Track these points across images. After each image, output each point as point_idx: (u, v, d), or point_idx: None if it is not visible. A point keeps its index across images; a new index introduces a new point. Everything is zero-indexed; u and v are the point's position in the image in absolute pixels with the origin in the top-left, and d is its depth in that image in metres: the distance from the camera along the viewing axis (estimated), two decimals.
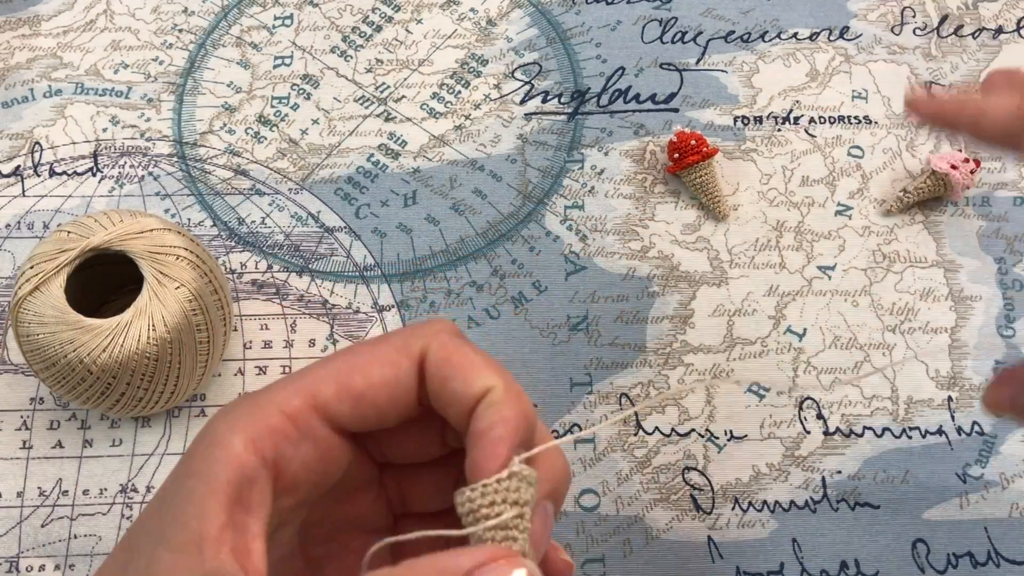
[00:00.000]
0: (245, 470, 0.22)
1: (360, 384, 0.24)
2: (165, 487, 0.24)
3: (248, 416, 0.23)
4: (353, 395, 0.24)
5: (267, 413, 0.23)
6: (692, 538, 0.45)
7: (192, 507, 0.22)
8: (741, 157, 0.54)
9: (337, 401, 0.24)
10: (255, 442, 0.23)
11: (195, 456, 0.23)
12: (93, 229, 0.42)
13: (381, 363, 0.24)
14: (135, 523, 0.24)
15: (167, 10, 0.58)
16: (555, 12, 0.58)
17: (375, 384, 0.24)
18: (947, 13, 0.58)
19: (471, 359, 0.24)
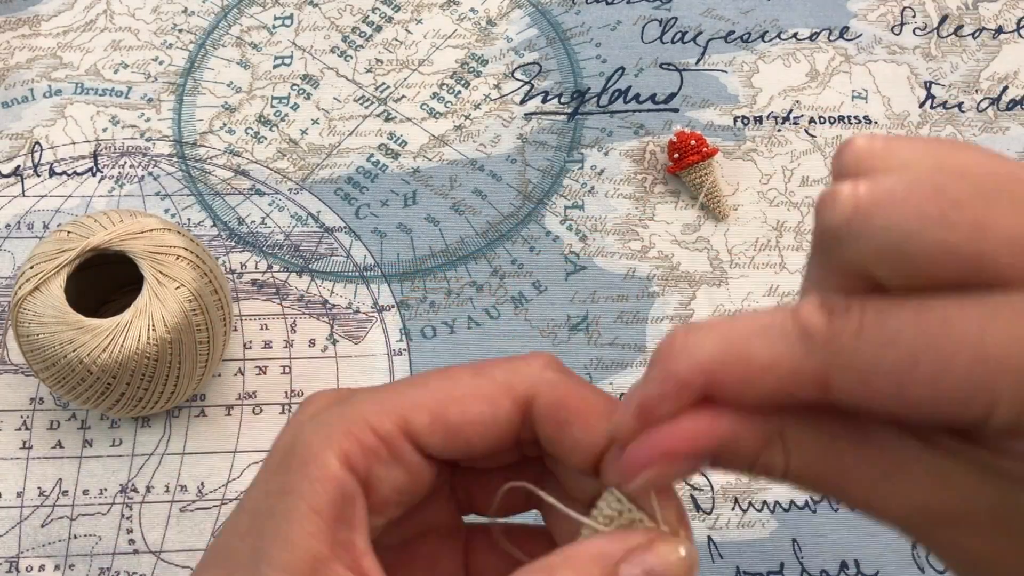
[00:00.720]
0: (344, 488, 0.22)
1: (455, 418, 0.23)
2: (257, 502, 0.23)
3: (341, 432, 0.22)
4: (446, 428, 0.23)
5: (360, 430, 0.22)
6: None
7: (295, 525, 0.21)
8: (741, 157, 0.54)
9: (430, 432, 0.23)
10: (350, 459, 0.22)
11: (290, 471, 0.22)
12: (93, 229, 0.42)
13: (480, 399, 0.23)
14: (223, 540, 0.23)
15: (167, 10, 0.58)
16: (555, 12, 0.58)
17: (472, 421, 0.23)
18: (947, 13, 0.58)
19: (588, 402, 0.23)
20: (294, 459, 0.22)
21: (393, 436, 0.23)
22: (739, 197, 0.53)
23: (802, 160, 0.54)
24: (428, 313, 0.50)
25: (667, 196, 0.53)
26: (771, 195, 0.53)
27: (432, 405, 0.23)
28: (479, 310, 0.50)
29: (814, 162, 0.54)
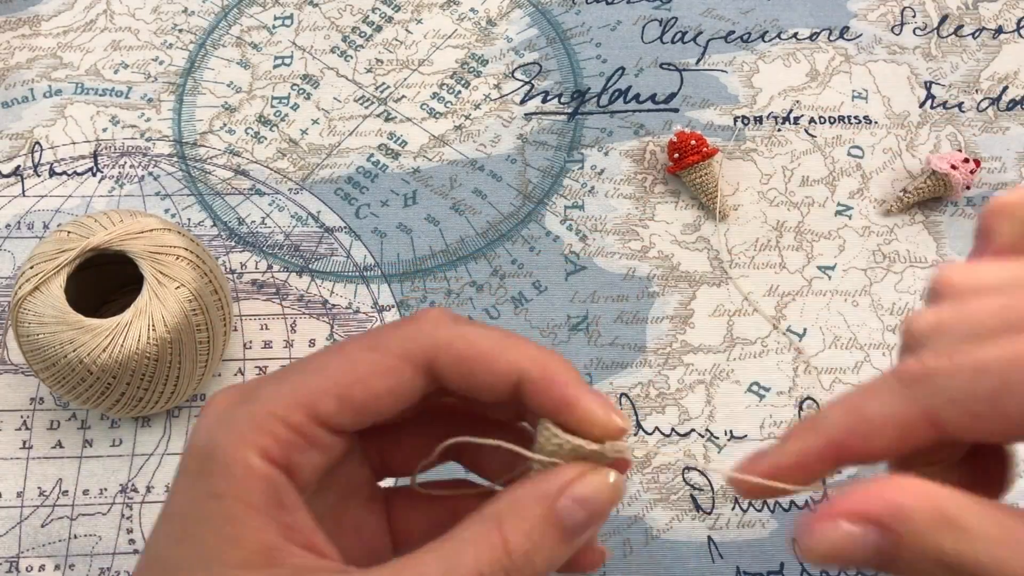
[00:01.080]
0: (272, 481, 0.23)
1: (361, 396, 0.24)
2: (185, 508, 0.23)
3: (255, 430, 0.23)
4: (354, 407, 0.24)
5: (273, 425, 0.23)
6: (692, 538, 0.45)
7: (239, 525, 0.22)
8: (741, 157, 0.54)
9: (338, 415, 0.24)
10: (268, 453, 0.23)
11: (214, 475, 0.23)
12: (93, 229, 0.42)
13: (382, 374, 0.24)
14: (157, 550, 0.23)
15: (167, 10, 0.58)
16: (555, 12, 0.58)
17: (377, 395, 0.24)
18: (947, 13, 0.58)
19: (486, 347, 0.24)
20: (215, 464, 0.23)
21: (304, 425, 0.23)
22: (739, 197, 0.53)
23: (802, 160, 0.54)
24: None
25: (667, 196, 0.53)
26: (771, 195, 0.53)
27: (337, 389, 0.23)
28: (479, 310, 0.50)
29: (814, 162, 0.54)
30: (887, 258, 0.51)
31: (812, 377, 0.48)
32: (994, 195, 0.26)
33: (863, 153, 0.54)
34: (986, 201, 0.52)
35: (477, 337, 0.24)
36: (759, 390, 0.48)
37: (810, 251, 0.51)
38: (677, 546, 0.45)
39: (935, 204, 0.53)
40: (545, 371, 0.24)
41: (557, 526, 0.23)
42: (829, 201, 0.53)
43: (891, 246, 0.51)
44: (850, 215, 0.52)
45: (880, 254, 0.51)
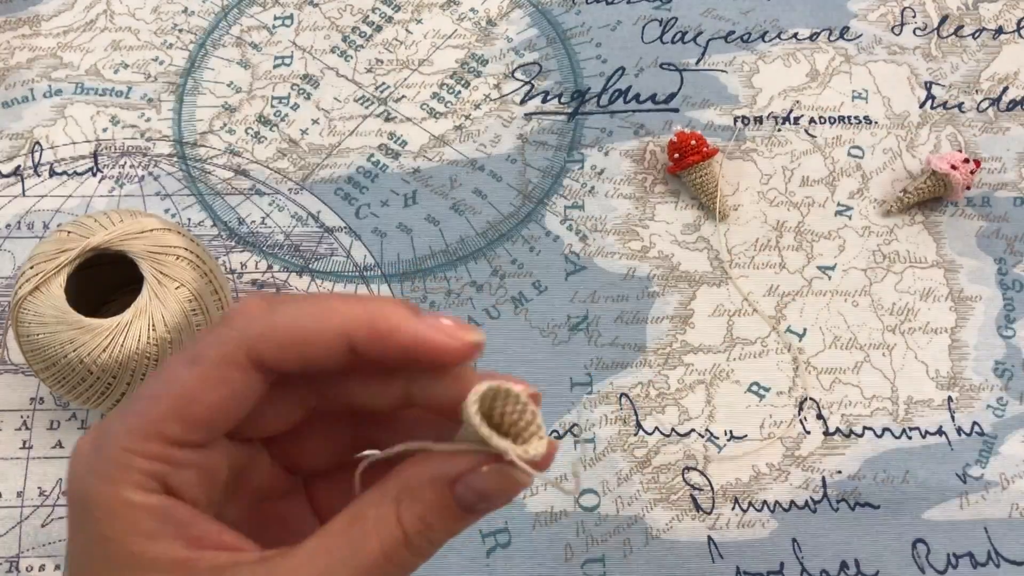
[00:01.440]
0: (156, 507, 0.23)
1: (201, 413, 0.23)
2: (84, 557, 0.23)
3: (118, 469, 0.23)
4: (200, 423, 0.24)
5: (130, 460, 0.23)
6: (692, 538, 0.45)
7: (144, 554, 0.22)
8: (741, 157, 0.54)
9: (188, 434, 0.24)
10: (141, 485, 0.23)
11: (99, 521, 0.23)
12: (93, 229, 0.42)
13: (212, 386, 0.24)
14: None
15: (167, 10, 0.58)
16: (555, 12, 0.58)
17: (218, 407, 0.24)
18: (947, 13, 0.58)
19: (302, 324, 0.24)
20: (96, 510, 0.23)
21: (161, 453, 0.23)
22: (739, 197, 0.53)
23: (802, 160, 0.54)
24: None
25: (667, 196, 0.53)
26: (771, 195, 0.53)
27: (174, 413, 0.23)
28: (479, 310, 0.50)
29: (814, 162, 0.54)
30: (887, 258, 0.51)
31: (812, 376, 0.48)
32: None
33: (863, 153, 0.54)
34: (986, 202, 0.52)
35: (293, 317, 0.24)
36: (759, 390, 0.48)
37: (810, 251, 0.51)
38: (677, 546, 0.45)
39: (935, 204, 0.53)
40: (371, 323, 0.23)
41: (451, 508, 0.23)
42: (829, 201, 0.53)
43: (891, 246, 0.51)
44: (850, 215, 0.52)
45: (880, 254, 0.51)
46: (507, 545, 0.45)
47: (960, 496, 0.46)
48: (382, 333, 0.23)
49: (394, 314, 0.24)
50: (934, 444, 0.47)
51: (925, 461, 0.46)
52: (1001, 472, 0.46)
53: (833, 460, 0.47)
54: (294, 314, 0.24)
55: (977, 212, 0.52)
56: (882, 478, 0.46)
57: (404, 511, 0.23)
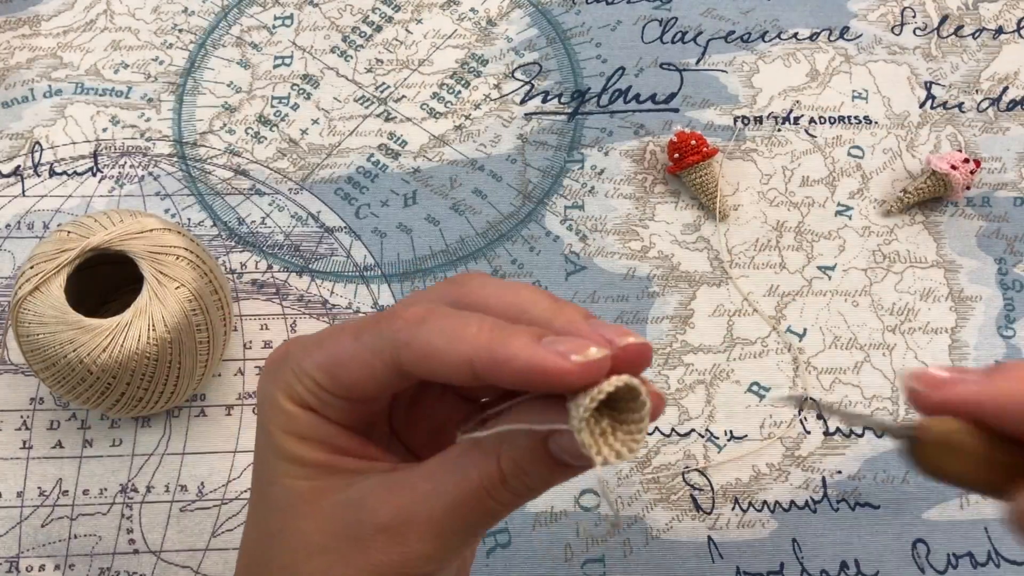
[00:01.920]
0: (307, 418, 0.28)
1: (344, 377, 0.27)
2: (256, 446, 0.29)
3: (287, 383, 0.28)
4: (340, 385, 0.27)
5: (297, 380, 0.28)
6: (692, 538, 0.45)
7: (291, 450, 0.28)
8: (741, 157, 0.54)
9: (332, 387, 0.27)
10: (299, 400, 0.28)
11: (268, 419, 0.28)
12: (93, 229, 0.42)
13: (359, 364, 0.27)
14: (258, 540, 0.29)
15: (167, 10, 0.58)
16: (555, 12, 0.58)
17: (357, 380, 0.27)
18: (947, 13, 0.58)
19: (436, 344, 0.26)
20: (266, 406, 0.28)
21: (313, 387, 0.28)
22: (739, 197, 0.53)
23: (802, 160, 0.54)
24: None
25: (667, 196, 0.53)
26: (771, 195, 0.53)
27: (327, 367, 0.27)
28: None
29: (814, 162, 0.54)
30: (887, 258, 0.51)
31: (812, 376, 0.48)
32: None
33: (863, 153, 0.54)
34: (986, 201, 0.52)
35: (433, 335, 0.26)
36: (759, 390, 0.48)
37: (810, 251, 0.51)
38: (677, 546, 0.45)
39: (935, 204, 0.53)
40: (491, 351, 0.25)
41: (547, 457, 0.25)
42: (829, 201, 0.53)
43: (891, 246, 0.51)
44: (850, 215, 0.52)
45: (880, 254, 0.51)
46: (507, 545, 0.45)
47: (960, 496, 0.46)
48: (499, 362, 0.24)
49: (515, 341, 0.25)
50: None
51: None
52: None
53: (833, 460, 0.47)
54: (434, 333, 0.26)
55: (977, 212, 0.52)
56: (882, 478, 0.46)
57: (503, 456, 0.26)
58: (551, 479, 0.26)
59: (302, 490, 0.27)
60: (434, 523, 0.26)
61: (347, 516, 0.27)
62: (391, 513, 0.26)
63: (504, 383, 0.25)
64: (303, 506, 0.27)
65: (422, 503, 0.26)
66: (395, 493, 0.27)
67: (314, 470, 0.27)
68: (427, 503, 0.26)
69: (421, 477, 0.27)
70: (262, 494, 0.29)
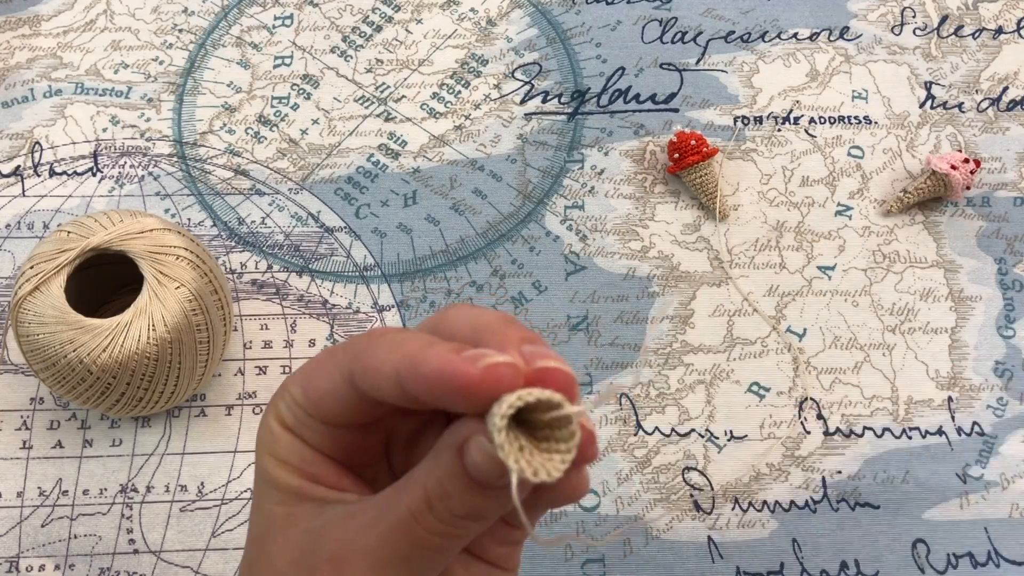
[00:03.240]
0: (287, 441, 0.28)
1: (313, 392, 0.27)
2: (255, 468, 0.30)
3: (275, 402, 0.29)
4: (310, 400, 0.28)
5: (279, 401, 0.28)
6: (692, 538, 0.45)
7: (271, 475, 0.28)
8: (741, 157, 0.54)
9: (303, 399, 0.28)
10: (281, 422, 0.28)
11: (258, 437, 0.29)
12: (93, 229, 0.42)
13: (324, 376, 0.27)
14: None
15: (167, 10, 0.58)
16: (555, 12, 0.58)
17: (322, 394, 0.27)
18: (947, 13, 0.58)
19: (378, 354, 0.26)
20: (259, 427, 0.29)
21: (292, 404, 0.28)
22: (739, 197, 0.53)
23: (802, 160, 0.54)
24: (428, 313, 0.50)
25: (667, 196, 0.53)
26: (771, 195, 0.53)
27: (300, 380, 0.28)
28: None
29: (814, 162, 0.54)
30: (887, 258, 0.51)
31: (812, 376, 0.48)
32: None
33: (863, 153, 0.54)
34: (986, 202, 0.52)
35: (379, 348, 0.26)
36: (759, 390, 0.48)
37: (810, 251, 0.51)
38: (677, 546, 0.45)
39: (935, 204, 0.53)
40: (411, 364, 0.24)
41: (464, 477, 0.24)
42: (829, 201, 0.53)
43: (891, 246, 0.51)
44: (850, 215, 0.52)
45: (880, 254, 0.51)
46: None
47: (960, 496, 0.46)
48: (416, 367, 0.24)
49: (433, 350, 0.24)
50: (934, 444, 0.47)
51: (925, 461, 0.46)
52: (1001, 472, 0.46)
53: (833, 460, 0.47)
54: (381, 345, 0.26)
55: (977, 212, 0.52)
56: (882, 478, 0.46)
57: (428, 475, 0.25)
58: (474, 503, 0.25)
59: (277, 516, 0.28)
60: (368, 554, 0.26)
61: (306, 545, 0.27)
62: (336, 544, 0.26)
63: (422, 394, 0.24)
64: (276, 533, 0.28)
65: (361, 534, 0.26)
66: (346, 523, 0.26)
67: (288, 495, 0.28)
68: (364, 533, 0.26)
69: (368, 507, 0.26)
70: (251, 521, 0.29)
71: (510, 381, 0.23)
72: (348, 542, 0.26)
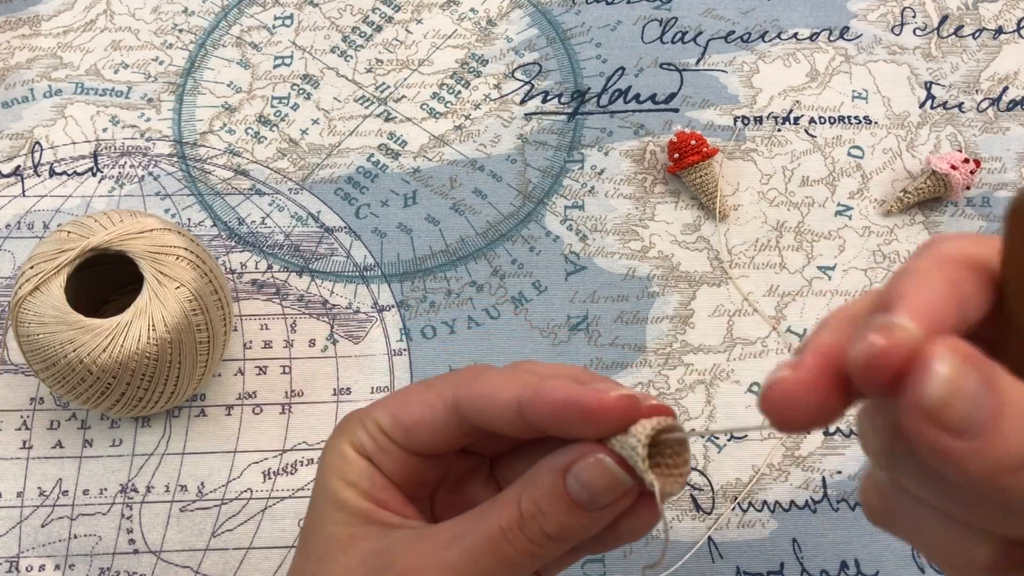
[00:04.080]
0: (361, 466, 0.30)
1: (405, 418, 0.29)
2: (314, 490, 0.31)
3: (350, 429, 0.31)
4: (402, 426, 0.29)
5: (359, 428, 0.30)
6: (692, 538, 0.45)
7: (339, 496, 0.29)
8: (741, 157, 0.54)
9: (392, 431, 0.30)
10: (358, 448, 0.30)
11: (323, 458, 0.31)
12: (93, 229, 0.42)
13: (423, 404, 0.29)
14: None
15: (167, 10, 0.58)
16: (555, 12, 0.58)
17: (417, 421, 0.29)
18: (947, 13, 0.58)
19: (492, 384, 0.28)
20: (326, 449, 0.31)
21: (375, 431, 0.30)
22: (739, 197, 0.53)
23: (802, 160, 0.54)
24: (428, 313, 0.50)
25: (667, 196, 0.53)
26: (771, 195, 0.53)
27: (392, 409, 0.29)
28: (479, 310, 0.50)
29: (814, 162, 0.54)
30: (887, 258, 0.51)
31: None
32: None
33: (863, 153, 0.54)
34: (986, 202, 0.52)
35: (490, 380, 0.28)
36: (759, 390, 0.48)
37: (810, 251, 0.51)
38: (677, 546, 0.45)
39: (935, 204, 0.53)
40: (535, 391, 0.27)
41: (563, 497, 0.26)
42: (829, 201, 0.53)
43: (891, 246, 0.51)
44: (850, 215, 0.52)
45: (880, 254, 0.51)
46: None
47: None
48: (542, 395, 0.26)
49: (557, 380, 0.27)
50: None
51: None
52: None
53: (833, 460, 0.47)
54: (492, 376, 0.28)
55: (977, 212, 0.52)
56: None
57: (524, 495, 0.27)
58: (567, 523, 0.26)
59: (340, 537, 0.29)
60: (448, 566, 0.26)
61: (373, 563, 0.28)
62: (412, 559, 0.27)
63: (545, 420, 0.26)
64: (338, 553, 0.28)
65: (441, 549, 0.27)
66: (421, 542, 0.27)
67: (354, 517, 0.29)
68: (446, 549, 0.27)
69: (447, 526, 0.28)
70: (305, 542, 0.30)
71: (636, 411, 0.26)
72: (423, 556, 0.27)
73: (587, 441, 0.27)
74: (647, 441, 0.25)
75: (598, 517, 0.27)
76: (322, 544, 0.29)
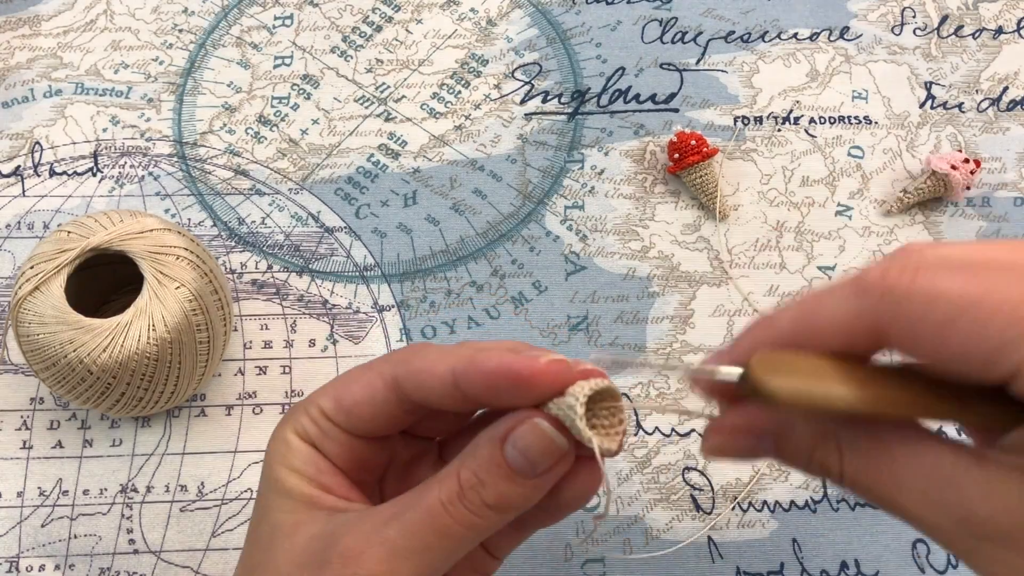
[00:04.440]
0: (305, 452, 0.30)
1: (347, 400, 0.29)
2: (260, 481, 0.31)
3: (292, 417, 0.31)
4: (344, 409, 0.29)
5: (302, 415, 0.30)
6: (692, 538, 0.45)
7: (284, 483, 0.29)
8: (741, 157, 0.54)
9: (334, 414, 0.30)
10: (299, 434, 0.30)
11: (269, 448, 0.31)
12: (93, 229, 0.42)
13: (362, 385, 0.29)
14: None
15: (167, 10, 0.58)
16: (555, 12, 0.58)
17: (358, 402, 0.29)
18: (947, 13, 0.58)
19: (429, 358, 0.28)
20: (271, 438, 0.31)
21: (317, 417, 0.30)
22: (739, 197, 0.53)
23: (802, 160, 0.54)
24: (428, 313, 0.50)
25: (667, 196, 0.53)
26: (771, 195, 0.53)
27: (334, 393, 0.30)
28: (479, 310, 0.50)
29: (814, 162, 0.54)
30: None
31: None
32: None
33: (863, 153, 0.54)
34: (986, 202, 0.52)
35: (427, 353, 0.28)
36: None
37: (810, 251, 0.51)
38: (677, 546, 0.45)
39: (935, 204, 0.53)
40: (469, 362, 0.27)
41: (501, 465, 0.27)
42: (829, 201, 0.53)
43: (891, 246, 0.51)
44: (850, 215, 0.52)
45: (880, 255, 0.51)
46: None
47: None
48: (476, 364, 0.27)
49: (490, 349, 0.27)
50: None
51: None
52: None
53: None
54: (428, 353, 0.28)
55: (977, 212, 0.52)
56: None
57: (463, 467, 0.27)
58: (507, 492, 0.27)
59: (285, 524, 0.29)
60: (388, 543, 0.26)
61: (315, 547, 0.28)
62: (352, 539, 0.27)
63: (479, 389, 0.27)
64: (283, 540, 0.28)
65: (382, 527, 0.27)
66: (361, 521, 0.27)
67: (299, 504, 0.29)
68: (386, 526, 0.27)
69: (388, 505, 0.28)
70: (253, 532, 0.30)
71: (568, 374, 0.27)
72: (364, 536, 0.27)
73: (525, 408, 0.27)
74: (584, 400, 0.26)
75: (537, 484, 0.27)
76: (268, 532, 0.29)
